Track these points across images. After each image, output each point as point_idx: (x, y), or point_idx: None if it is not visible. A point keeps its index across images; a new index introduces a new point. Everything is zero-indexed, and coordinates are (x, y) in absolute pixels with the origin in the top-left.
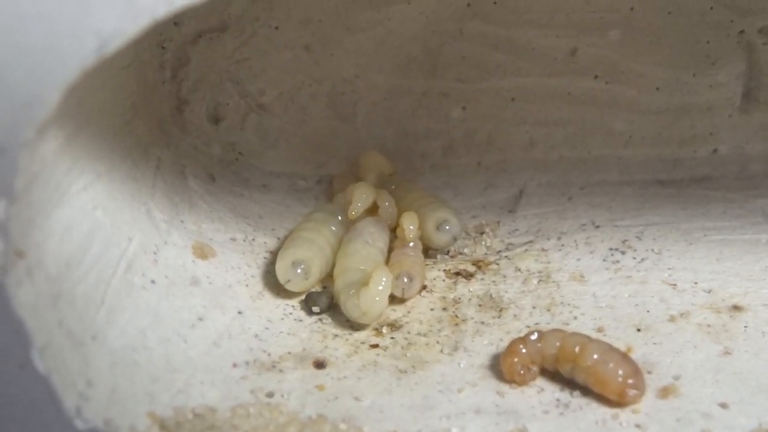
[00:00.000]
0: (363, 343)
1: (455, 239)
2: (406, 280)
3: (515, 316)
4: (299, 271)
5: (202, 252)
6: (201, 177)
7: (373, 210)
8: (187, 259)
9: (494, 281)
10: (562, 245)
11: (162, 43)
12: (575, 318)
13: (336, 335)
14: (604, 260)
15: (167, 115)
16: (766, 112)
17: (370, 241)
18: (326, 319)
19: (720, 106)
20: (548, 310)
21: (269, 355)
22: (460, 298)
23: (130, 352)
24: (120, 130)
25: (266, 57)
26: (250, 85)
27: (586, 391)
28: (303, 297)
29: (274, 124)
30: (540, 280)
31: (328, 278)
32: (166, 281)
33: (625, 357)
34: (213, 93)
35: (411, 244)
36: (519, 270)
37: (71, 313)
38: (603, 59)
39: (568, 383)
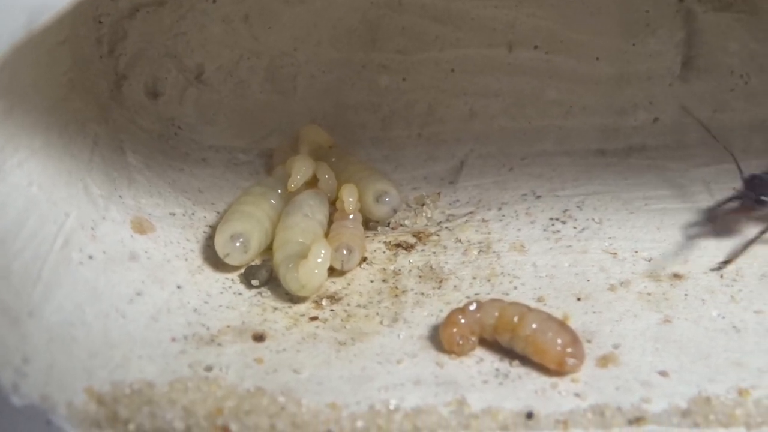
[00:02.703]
0: (302, 315)
1: (395, 211)
2: (345, 252)
3: (455, 286)
4: (238, 244)
5: (141, 227)
6: (140, 152)
7: (312, 183)
8: (125, 235)
9: (434, 252)
10: (503, 216)
11: (99, 17)
12: (515, 288)
13: (275, 308)
14: (544, 230)
15: (105, 91)
16: (705, 80)
17: (310, 213)
18: (266, 292)
19: (660, 75)
20: (488, 281)
21: (208, 329)
22: (400, 270)
23: (68, 328)
24: (56, 106)
25: (204, 31)
26: (188, 59)
27: (526, 361)
28: (242, 270)
29: (213, 98)
30: (480, 251)
31: (267, 251)
32: (104, 256)
33: (563, 326)
34: (151, 68)
35: (351, 216)
36: (459, 241)
37: (7, 289)
38: (542, 29)
39: (508, 353)
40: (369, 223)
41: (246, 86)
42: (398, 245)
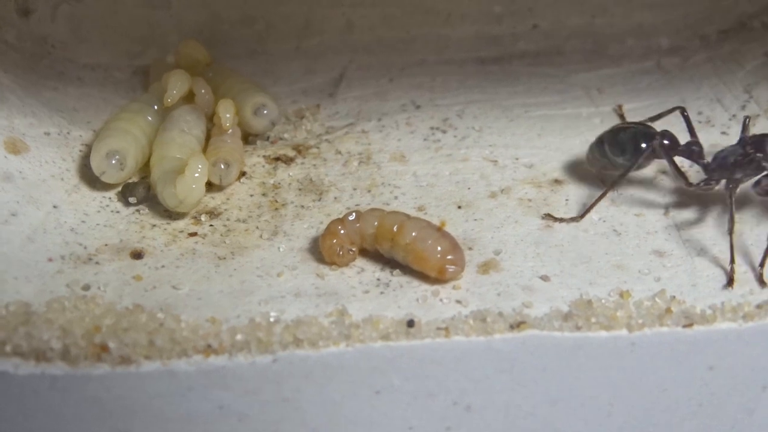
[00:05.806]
0: (181, 231)
1: (274, 124)
2: (222, 166)
3: (336, 198)
4: (114, 161)
5: (15, 147)
6: (12, 71)
7: (189, 98)
8: None
9: (315, 165)
10: (383, 126)
11: None
12: (396, 198)
13: (154, 225)
14: (425, 140)
15: None
16: None
17: (186, 129)
18: (144, 209)
19: None
20: (369, 191)
21: (85, 248)
22: (280, 183)
23: None
24: None
25: None
26: None
27: (407, 270)
28: (119, 188)
29: (87, 14)
30: (361, 162)
31: (144, 168)
32: None
33: (443, 233)
34: None
35: (229, 131)
36: (339, 153)
37: None
38: None
39: (389, 262)
40: (248, 137)
41: (120, 1)
42: (278, 159)
